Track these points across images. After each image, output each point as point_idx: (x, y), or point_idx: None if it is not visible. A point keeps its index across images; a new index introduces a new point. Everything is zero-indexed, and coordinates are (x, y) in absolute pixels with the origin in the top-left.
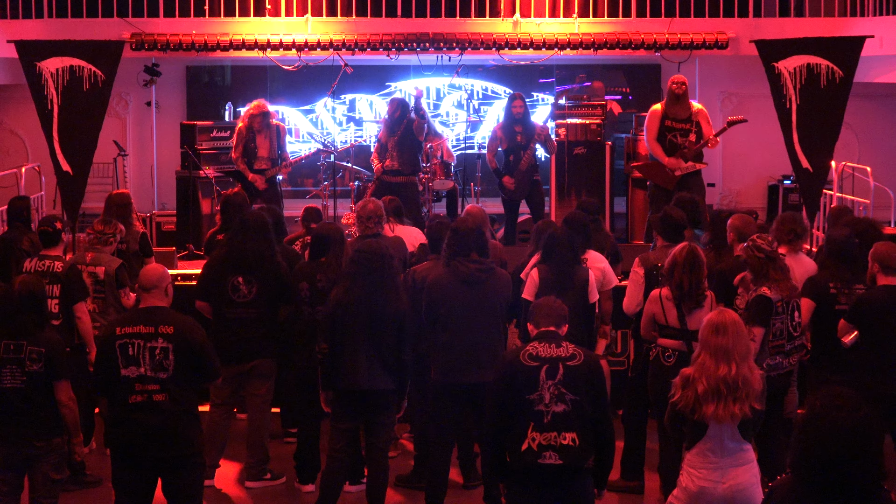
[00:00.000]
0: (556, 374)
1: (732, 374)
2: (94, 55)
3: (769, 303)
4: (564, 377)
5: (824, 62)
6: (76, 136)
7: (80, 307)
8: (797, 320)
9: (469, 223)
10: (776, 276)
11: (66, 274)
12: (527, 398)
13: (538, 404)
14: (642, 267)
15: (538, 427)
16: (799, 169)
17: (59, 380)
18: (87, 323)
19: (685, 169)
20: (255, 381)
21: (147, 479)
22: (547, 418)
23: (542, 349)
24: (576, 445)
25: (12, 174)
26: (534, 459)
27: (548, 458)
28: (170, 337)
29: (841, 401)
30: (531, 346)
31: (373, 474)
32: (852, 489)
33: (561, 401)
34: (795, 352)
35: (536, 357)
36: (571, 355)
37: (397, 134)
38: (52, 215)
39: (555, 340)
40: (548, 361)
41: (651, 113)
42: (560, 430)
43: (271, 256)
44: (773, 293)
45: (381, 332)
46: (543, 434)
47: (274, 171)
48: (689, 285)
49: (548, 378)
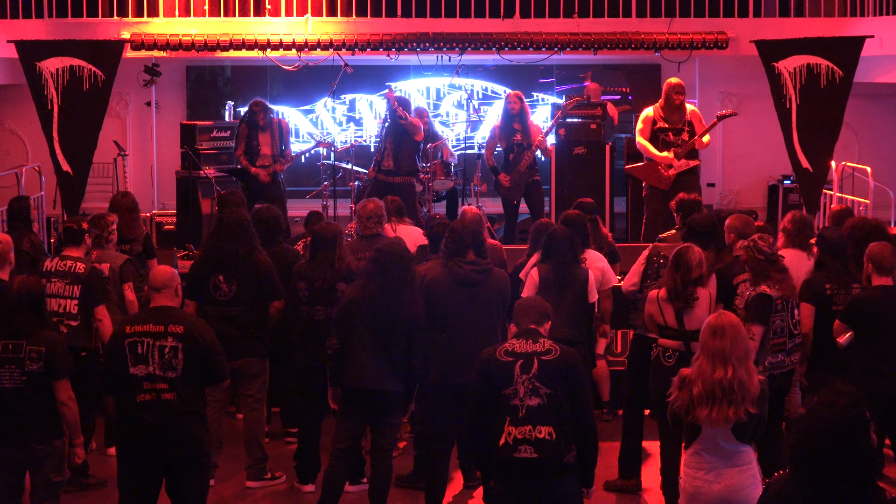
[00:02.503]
0: (530, 369)
1: (728, 378)
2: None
3: (769, 300)
4: (539, 371)
5: (824, 62)
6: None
7: (101, 310)
8: (797, 318)
9: (465, 223)
10: (777, 276)
11: (88, 276)
12: (502, 393)
13: (513, 399)
14: (649, 251)
15: (513, 421)
16: (799, 169)
17: (58, 379)
18: (107, 326)
19: (678, 167)
20: (245, 381)
21: (153, 479)
22: (522, 412)
23: (519, 345)
24: (552, 439)
25: (12, 174)
26: (510, 453)
27: (523, 452)
28: (179, 336)
29: (835, 397)
30: (508, 343)
31: (376, 474)
32: (844, 484)
33: (535, 395)
34: (796, 349)
35: (512, 353)
36: (547, 350)
37: (392, 135)
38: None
39: (532, 336)
40: (522, 356)
41: (643, 117)
42: (535, 423)
43: (247, 254)
44: (772, 291)
45: (393, 332)
46: (519, 428)
47: (274, 166)
48: (675, 285)
49: (522, 372)
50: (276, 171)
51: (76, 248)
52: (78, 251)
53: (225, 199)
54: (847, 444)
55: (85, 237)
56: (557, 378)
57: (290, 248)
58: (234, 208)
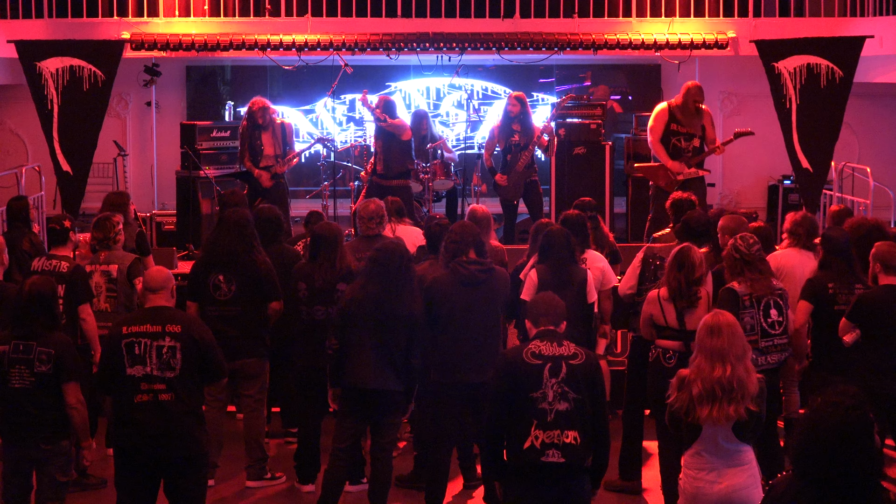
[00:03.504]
0: (559, 373)
1: (727, 376)
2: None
3: (734, 295)
4: (567, 376)
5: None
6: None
7: (85, 308)
8: (773, 318)
9: (464, 223)
10: (750, 276)
11: (72, 274)
12: (530, 396)
13: (541, 402)
14: (643, 253)
15: (541, 425)
16: (799, 169)
17: (67, 382)
18: (91, 324)
19: (688, 175)
20: (245, 381)
21: (151, 479)
22: (550, 416)
23: (545, 347)
24: (577, 444)
25: (12, 174)
26: (537, 457)
27: (551, 457)
28: (177, 336)
29: (840, 398)
30: (533, 344)
31: (376, 474)
32: (848, 485)
33: (564, 399)
34: (775, 350)
35: (539, 355)
36: (574, 354)
37: (381, 138)
38: (62, 214)
39: (556, 339)
40: (551, 360)
41: (658, 113)
42: (563, 428)
43: (246, 253)
44: (740, 287)
45: (393, 332)
46: (547, 432)
47: (275, 167)
48: (679, 284)
49: (551, 376)
50: (277, 173)
51: (62, 247)
52: (64, 250)
53: (225, 198)
54: (851, 444)
55: (69, 235)
56: (584, 383)
57: (290, 248)
58: (235, 208)
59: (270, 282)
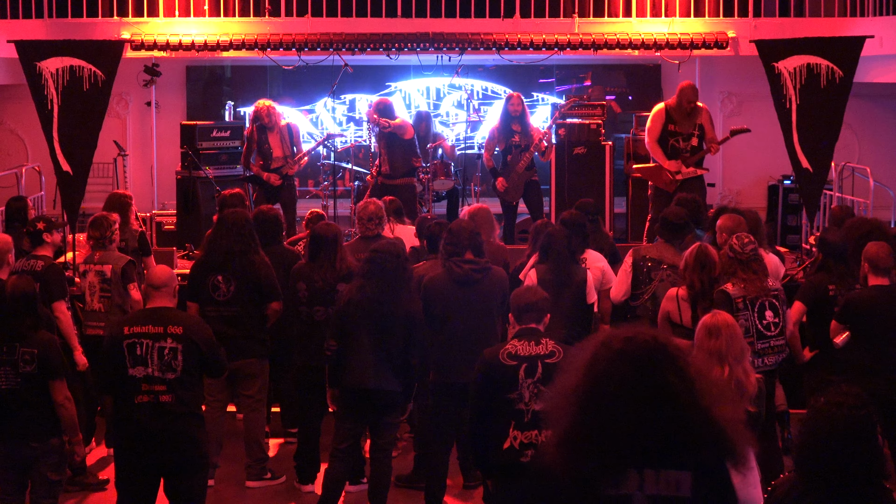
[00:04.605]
0: (535, 373)
1: (726, 377)
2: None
3: (727, 298)
4: (543, 375)
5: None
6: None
7: (59, 306)
8: (769, 320)
9: (463, 222)
10: (743, 276)
11: (45, 273)
12: (507, 397)
13: (518, 403)
14: (632, 257)
15: (519, 426)
16: (799, 169)
17: (53, 379)
18: (66, 322)
19: (686, 174)
20: (244, 381)
21: (151, 480)
22: (527, 417)
23: (521, 347)
24: None
25: (12, 174)
26: (516, 458)
27: (529, 457)
28: (179, 337)
29: (843, 398)
30: (510, 344)
31: (375, 474)
32: (852, 486)
33: (540, 399)
34: (771, 352)
35: (515, 356)
36: (550, 353)
37: (384, 139)
38: (37, 217)
39: (534, 337)
40: (526, 360)
41: (655, 114)
42: (541, 428)
43: (244, 254)
44: (733, 290)
45: (391, 332)
46: (524, 433)
47: (286, 168)
48: (701, 284)
49: (527, 377)
50: (286, 175)
51: (42, 248)
52: (44, 250)
53: (225, 199)
54: (855, 445)
55: (43, 236)
56: None
57: (290, 249)
58: (235, 208)
59: (269, 282)
